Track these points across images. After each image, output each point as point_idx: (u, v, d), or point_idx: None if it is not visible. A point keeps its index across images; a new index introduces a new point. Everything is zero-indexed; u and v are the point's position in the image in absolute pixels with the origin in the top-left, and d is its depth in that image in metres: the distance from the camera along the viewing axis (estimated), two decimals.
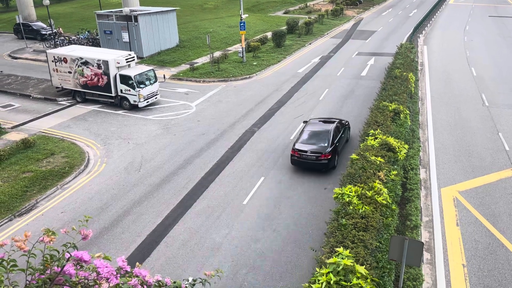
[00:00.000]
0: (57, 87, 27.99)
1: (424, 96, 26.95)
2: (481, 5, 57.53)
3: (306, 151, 17.53)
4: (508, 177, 17.30)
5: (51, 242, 2.89)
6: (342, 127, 19.52)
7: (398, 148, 15.28)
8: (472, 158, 18.92)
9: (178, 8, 45.43)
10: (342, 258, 8.70)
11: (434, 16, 56.07)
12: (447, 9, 62.59)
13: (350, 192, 11.98)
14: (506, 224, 14.37)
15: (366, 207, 11.37)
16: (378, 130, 16.36)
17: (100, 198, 16.67)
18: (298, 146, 17.84)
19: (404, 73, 24.07)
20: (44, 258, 2.88)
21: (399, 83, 22.46)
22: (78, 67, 26.19)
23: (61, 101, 27.53)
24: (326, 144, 17.75)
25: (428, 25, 50.27)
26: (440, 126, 22.31)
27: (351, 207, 11.43)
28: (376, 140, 15.40)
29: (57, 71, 27.14)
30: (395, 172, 13.73)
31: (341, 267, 8.49)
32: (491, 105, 25.11)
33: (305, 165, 17.78)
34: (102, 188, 17.38)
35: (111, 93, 25.68)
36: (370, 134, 16.15)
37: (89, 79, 26.01)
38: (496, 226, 14.29)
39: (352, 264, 8.55)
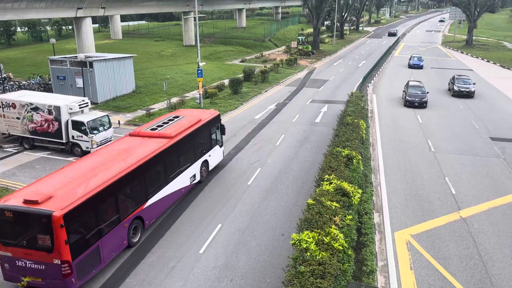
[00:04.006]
0: (3, 133, 26.75)
1: (375, 142, 28.08)
2: (424, 57, 62.19)
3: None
4: (456, 220, 18.01)
5: None
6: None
7: (352, 192, 15.62)
8: (422, 202, 19.62)
9: (135, 54, 45.64)
10: None
11: (382, 67, 59.66)
12: (393, 61, 66.86)
13: (308, 238, 11.97)
14: (456, 267, 14.78)
15: (323, 253, 11.37)
16: (333, 175, 16.72)
17: None
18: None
19: (356, 120, 25.09)
20: None
21: (351, 129, 23.33)
22: (27, 112, 25.29)
23: (7, 148, 26.25)
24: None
25: (376, 75, 53.31)
26: (391, 171, 23.14)
27: (308, 254, 11.38)
28: (331, 185, 15.69)
29: (4, 117, 26.04)
30: (350, 217, 13.95)
31: None
32: (436, 150, 26.49)
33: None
34: None
35: (62, 139, 24.84)
36: (325, 179, 16.45)
37: (39, 125, 25.12)
38: (447, 269, 14.66)
39: None
